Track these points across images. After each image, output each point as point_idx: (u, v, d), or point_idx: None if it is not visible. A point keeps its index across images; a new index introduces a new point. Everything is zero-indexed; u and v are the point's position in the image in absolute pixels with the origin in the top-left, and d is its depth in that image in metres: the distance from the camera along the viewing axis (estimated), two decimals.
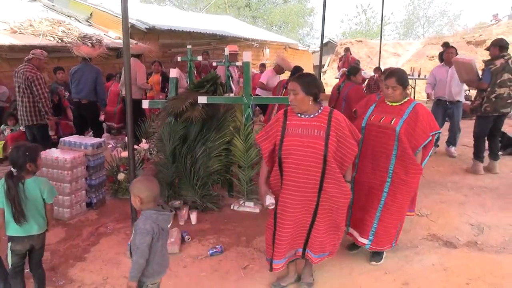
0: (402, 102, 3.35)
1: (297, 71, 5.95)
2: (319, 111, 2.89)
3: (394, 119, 3.29)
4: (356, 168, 3.49)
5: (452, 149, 6.85)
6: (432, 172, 6.02)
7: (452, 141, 6.87)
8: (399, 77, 3.30)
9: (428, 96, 6.81)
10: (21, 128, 6.08)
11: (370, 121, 3.44)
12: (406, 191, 3.34)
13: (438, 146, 6.98)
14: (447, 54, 6.58)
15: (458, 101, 6.50)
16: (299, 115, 2.91)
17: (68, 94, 7.35)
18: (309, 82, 2.84)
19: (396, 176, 3.31)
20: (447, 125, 7.03)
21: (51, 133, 5.97)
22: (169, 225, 2.51)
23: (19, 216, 2.78)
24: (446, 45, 12.38)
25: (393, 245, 3.59)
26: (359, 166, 3.50)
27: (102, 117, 6.86)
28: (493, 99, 5.59)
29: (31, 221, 2.85)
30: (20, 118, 5.77)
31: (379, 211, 3.42)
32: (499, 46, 5.67)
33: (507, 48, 5.71)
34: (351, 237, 3.66)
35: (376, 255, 3.65)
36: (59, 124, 7.02)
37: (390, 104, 3.39)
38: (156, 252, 2.41)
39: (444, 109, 6.66)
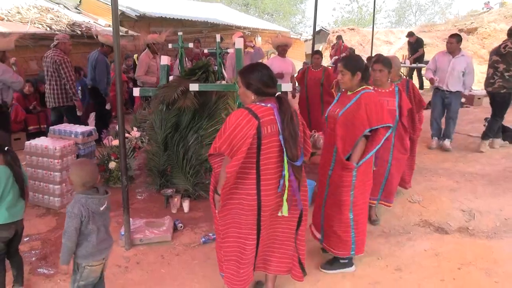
0: (354, 91, 3.15)
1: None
2: None
3: (338, 110, 3.17)
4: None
5: (447, 142, 6.54)
6: (423, 159, 6.04)
7: (446, 133, 6.59)
8: (346, 62, 3.15)
9: (432, 82, 6.49)
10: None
11: (329, 113, 3.29)
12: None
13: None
14: (448, 44, 6.28)
15: (457, 91, 6.32)
16: None
17: None
18: (249, 75, 2.54)
19: (334, 171, 3.20)
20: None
21: (79, 113, 6.28)
22: (102, 208, 2.49)
23: (23, 194, 2.89)
24: (410, 34, 12.63)
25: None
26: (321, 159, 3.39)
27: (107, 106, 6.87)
28: (486, 78, 6.27)
29: (18, 205, 2.85)
30: (47, 100, 6.11)
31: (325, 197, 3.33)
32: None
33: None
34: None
35: None
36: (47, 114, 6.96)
37: (348, 93, 3.21)
38: (89, 235, 2.45)
39: (443, 98, 6.46)
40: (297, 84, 7.68)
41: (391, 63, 3.90)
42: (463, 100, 6.55)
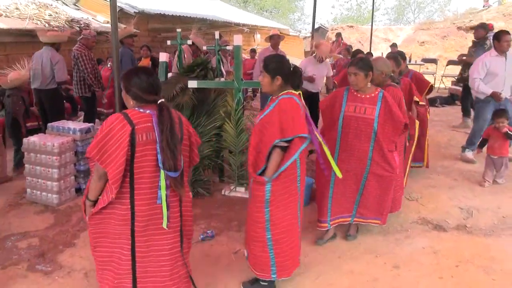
0: (276, 96, 2.87)
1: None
2: None
3: (259, 115, 2.94)
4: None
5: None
6: None
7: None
8: (265, 63, 2.86)
9: (499, 98, 5.38)
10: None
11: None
12: None
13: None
14: (505, 43, 5.37)
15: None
16: None
17: None
18: (128, 80, 2.41)
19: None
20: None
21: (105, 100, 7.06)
22: None
23: None
24: (394, 45, 12.55)
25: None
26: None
27: None
28: None
29: None
30: (74, 90, 6.76)
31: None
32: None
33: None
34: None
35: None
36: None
37: (273, 97, 2.92)
38: None
39: (496, 107, 5.44)
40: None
41: (371, 66, 3.36)
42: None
